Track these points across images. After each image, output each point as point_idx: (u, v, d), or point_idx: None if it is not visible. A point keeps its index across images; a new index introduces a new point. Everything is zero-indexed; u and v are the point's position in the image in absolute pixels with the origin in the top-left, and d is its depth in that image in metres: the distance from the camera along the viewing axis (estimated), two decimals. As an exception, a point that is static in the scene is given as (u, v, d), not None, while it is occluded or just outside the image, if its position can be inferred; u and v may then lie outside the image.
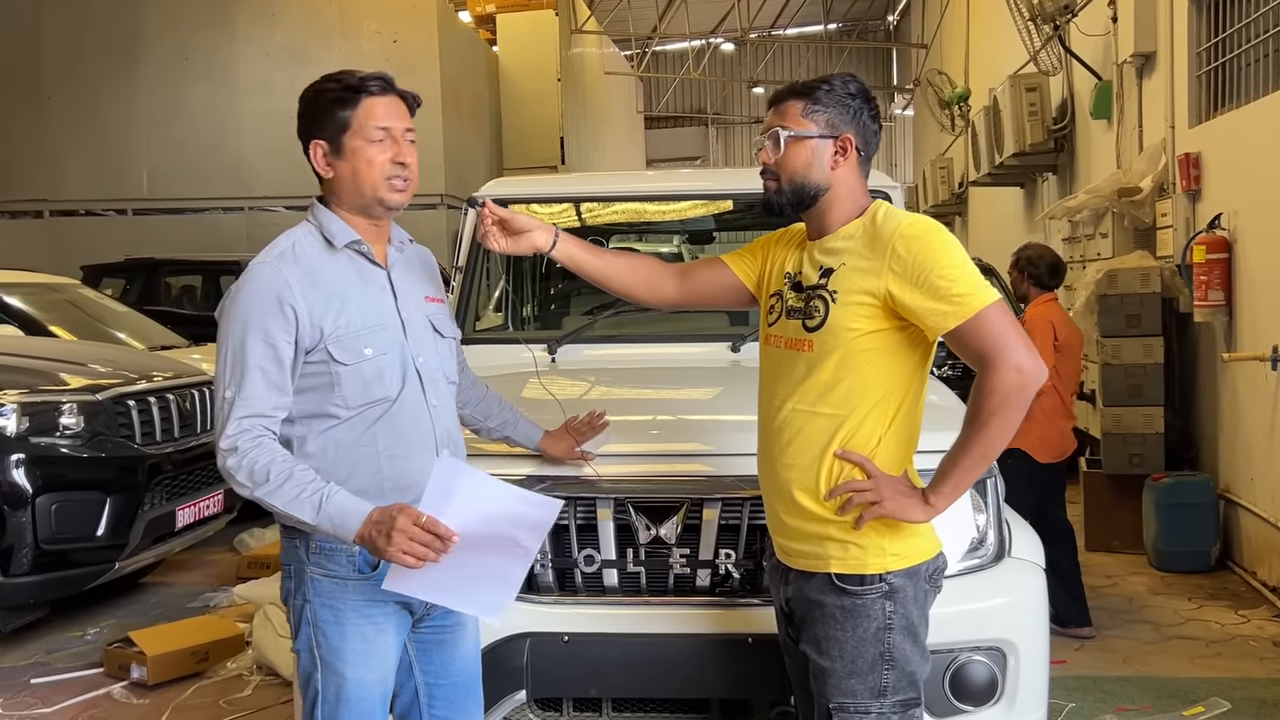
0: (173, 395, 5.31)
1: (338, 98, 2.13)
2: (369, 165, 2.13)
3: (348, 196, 2.17)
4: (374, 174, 2.13)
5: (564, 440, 2.64)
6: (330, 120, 2.13)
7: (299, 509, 1.99)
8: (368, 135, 2.12)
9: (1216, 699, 4.03)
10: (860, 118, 2.17)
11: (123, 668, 4.48)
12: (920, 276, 2.02)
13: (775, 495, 2.20)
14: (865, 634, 2.08)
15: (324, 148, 2.15)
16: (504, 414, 2.60)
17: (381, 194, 2.15)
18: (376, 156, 2.13)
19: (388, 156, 2.13)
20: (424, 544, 1.93)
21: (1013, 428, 2.01)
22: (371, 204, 2.16)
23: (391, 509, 1.96)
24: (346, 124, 2.13)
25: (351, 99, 2.13)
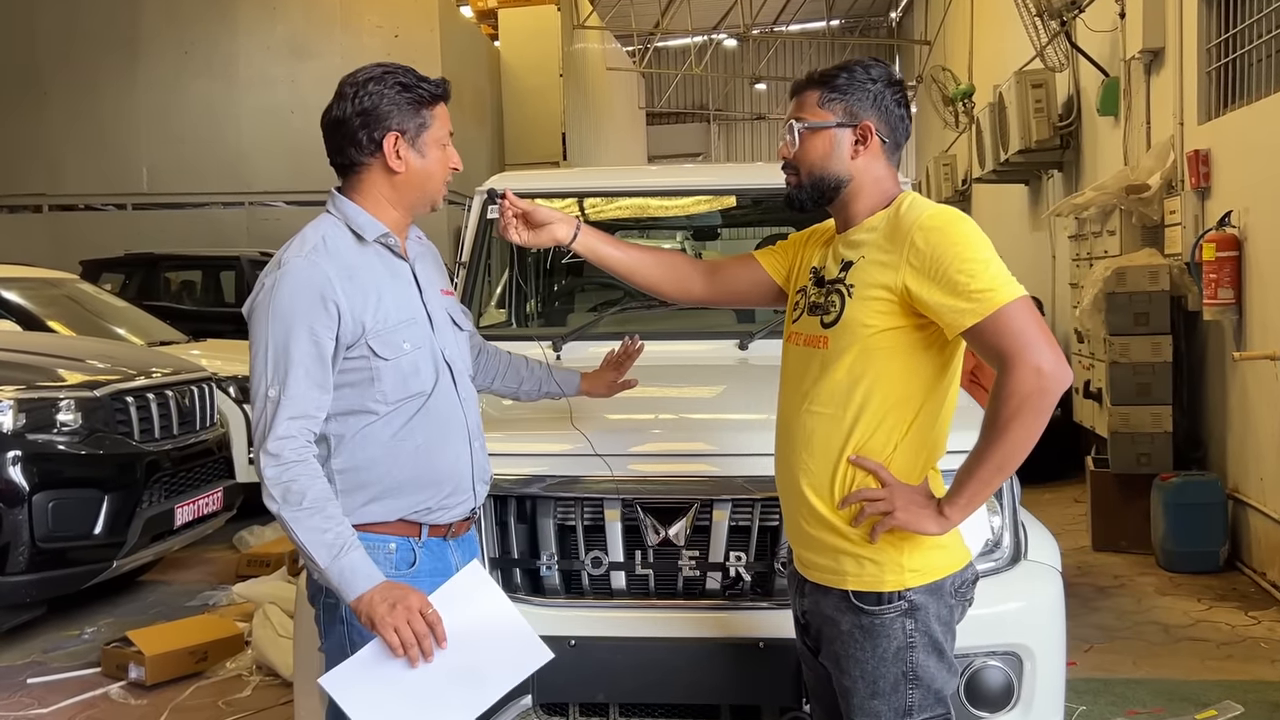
0: (172, 392, 5.26)
1: (421, 98, 2.14)
2: (441, 168, 2.18)
3: (408, 192, 2.18)
4: (441, 175, 2.19)
5: (604, 375, 2.68)
6: (413, 117, 2.14)
7: (317, 548, 1.96)
8: (441, 140, 2.17)
9: (1229, 702, 3.97)
10: (882, 102, 2.06)
11: (120, 667, 4.43)
12: (938, 271, 1.91)
13: (791, 500, 2.12)
14: (885, 654, 1.99)
15: (403, 142, 2.13)
16: (535, 373, 2.62)
17: (438, 196, 2.21)
18: (445, 160, 2.19)
19: (450, 162, 2.20)
20: (418, 633, 1.93)
21: (1034, 434, 1.88)
22: (426, 204, 2.21)
23: (404, 586, 1.98)
24: (426, 124, 2.15)
25: (432, 101, 2.16)
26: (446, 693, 1.98)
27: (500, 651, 2.04)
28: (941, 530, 1.98)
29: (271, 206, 15.22)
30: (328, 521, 1.97)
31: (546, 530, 2.61)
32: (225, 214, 15.17)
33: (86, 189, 15.03)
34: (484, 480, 2.27)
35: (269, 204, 15.22)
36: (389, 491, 2.12)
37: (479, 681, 2.01)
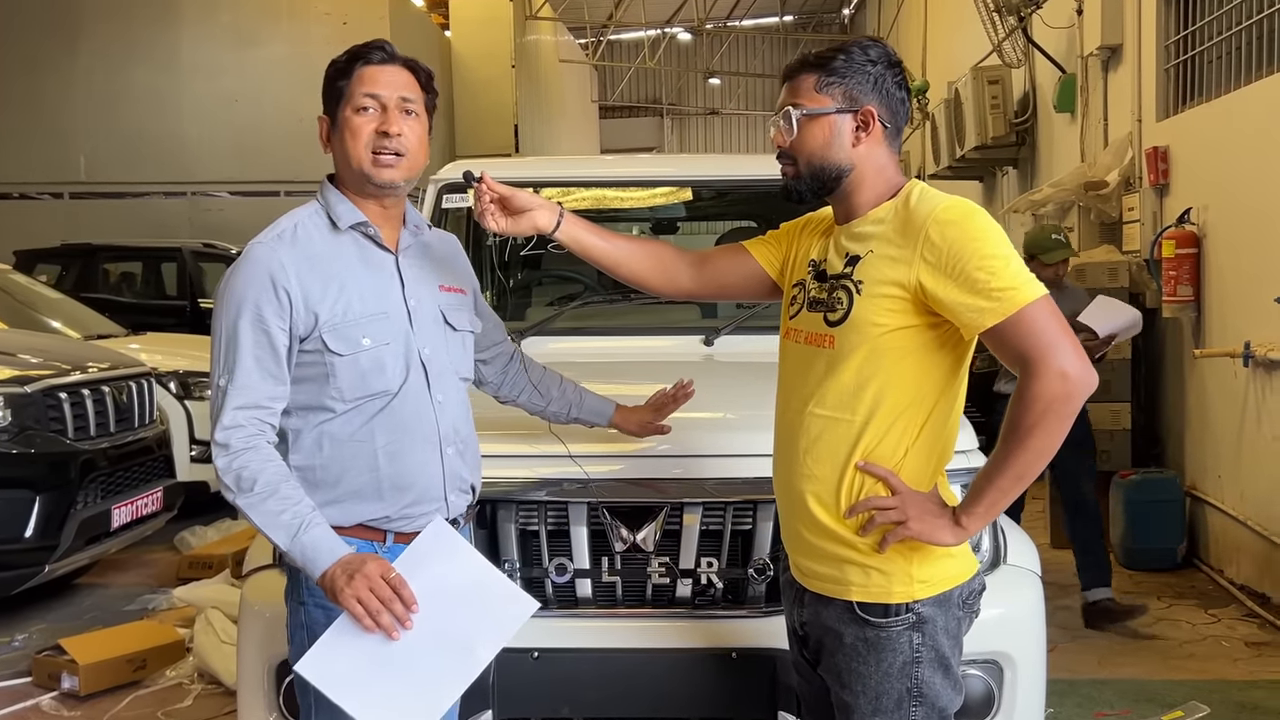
0: (109, 388, 5.04)
1: (338, 69, 2.01)
2: (354, 136, 2.00)
3: (343, 173, 2.05)
4: (358, 145, 1.99)
5: (641, 413, 2.49)
6: (330, 92, 2.01)
7: (274, 530, 1.87)
8: (356, 104, 1.99)
9: (1195, 703, 3.94)
10: (883, 86, 1.92)
11: (53, 677, 4.22)
12: (956, 267, 1.78)
13: (791, 507, 1.98)
14: (890, 669, 1.87)
15: (326, 122, 2.04)
16: (566, 395, 2.44)
17: (366, 168, 2.00)
18: (362, 127, 1.99)
19: (372, 127, 1.99)
20: (382, 599, 1.81)
21: (1056, 442, 1.77)
22: (360, 180, 2.02)
23: (365, 555, 1.87)
24: (341, 94, 2.00)
25: (348, 69, 2.00)
26: (433, 661, 1.86)
27: (482, 610, 1.91)
28: (957, 541, 1.87)
29: (215, 197, 14.90)
30: (283, 503, 1.88)
31: (507, 535, 2.47)
32: (167, 204, 14.82)
33: (21, 176, 14.61)
34: (460, 489, 2.12)
35: (212, 194, 14.89)
36: (347, 495, 2.00)
37: (466, 645, 1.89)
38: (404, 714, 1.84)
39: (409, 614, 1.83)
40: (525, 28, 19.05)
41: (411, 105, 2.02)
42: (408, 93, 2.02)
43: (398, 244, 2.10)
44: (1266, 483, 5.00)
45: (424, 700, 1.85)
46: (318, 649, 1.85)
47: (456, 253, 2.29)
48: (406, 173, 2.04)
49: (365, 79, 1.99)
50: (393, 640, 1.83)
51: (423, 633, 1.85)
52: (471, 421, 2.19)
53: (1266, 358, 4.94)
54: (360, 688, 1.83)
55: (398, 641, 1.83)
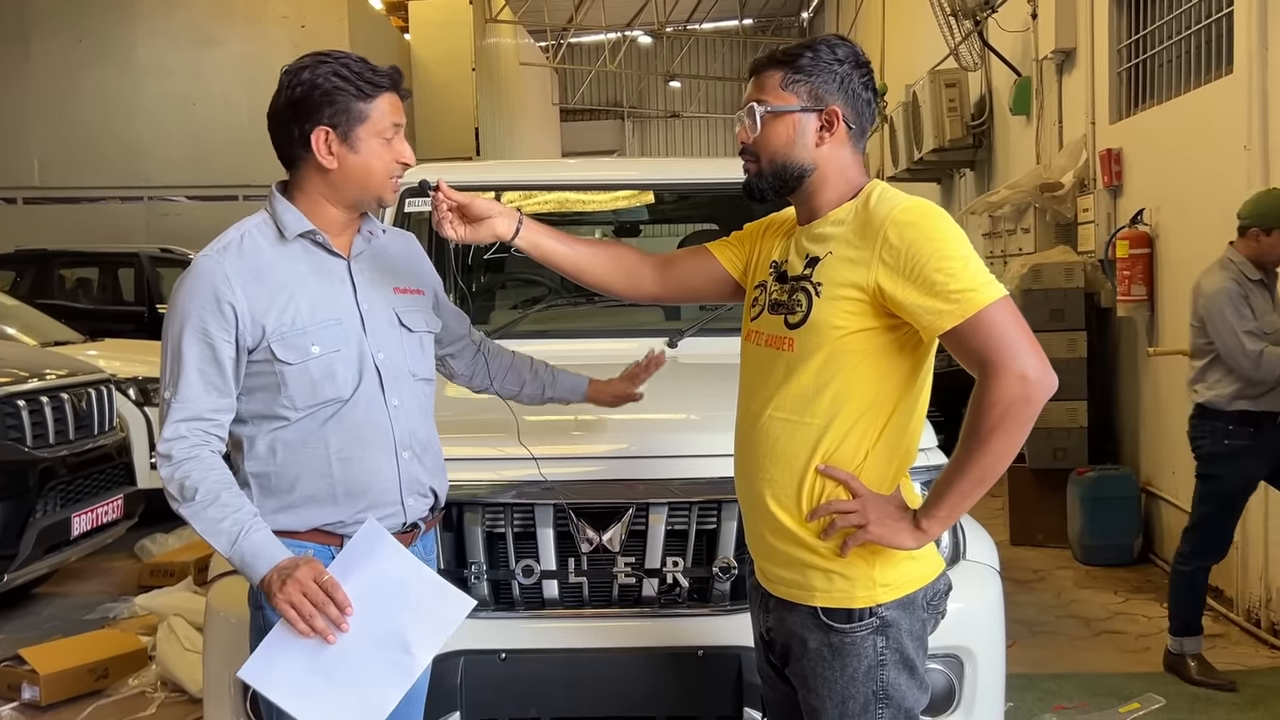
0: (68, 394, 4.99)
1: (358, 89, 1.99)
2: (381, 163, 2.02)
3: (347, 189, 2.04)
4: (382, 171, 2.03)
5: (613, 386, 2.49)
6: (344, 109, 1.99)
7: (215, 537, 1.90)
8: (382, 133, 2.01)
9: (1151, 695, 4.02)
10: (850, 85, 1.91)
11: (12, 688, 4.18)
12: (915, 269, 1.77)
13: (753, 511, 1.98)
14: (856, 673, 1.87)
15: (333, 137, 2.00)
16: (539, 377, 2.44)
17: (383, 193, 2.05)
18: (387, 155, 2.02)
19: (393, 156, 2.03)
20: (315, 603, 1.84)
21: (1016, 446, 1.76)
22: (370, 200, 2.06)
23: (299, 559, 1.88)
24: (363, 117, 2.00)
25: (372, 92, 2.00)
26: (372, 664, 1.88)
27: (418, 611, 1.92)
28: (918, 544, 1.87)
29: (172, 201, 14.73)
30: (223, 510, 1.91)
31: (474, 538, 2.49)
32: (123, 209, 14.64)
33: (-27, 182, 14.39)
34: (418, 493, 2.12)
35: (169, 198, 14.73)
36: (302, 500, 2.01)
37: (404, 647, 1.90)
38: (346, 717, 1.85)
39: (344, 617, 1.85)
40: (485, 30, 19.03)
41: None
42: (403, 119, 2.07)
43: (350, 249, 2.10)
44: (1218, 478, 5.09)
45: (366, 703, 1.87)
46: (258, 654, 1.86)
47: (413, 252, 2.28)
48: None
49: (391, 108, 2.02)
50: (329, 644, 1.84)
51: (360, 635, 1.86)
52: (432, 424, 2.18)
53: (1217, 355, 5.03)
54: (302, 691, 1.84)
55: (335, 645, 1.85)
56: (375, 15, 17.02)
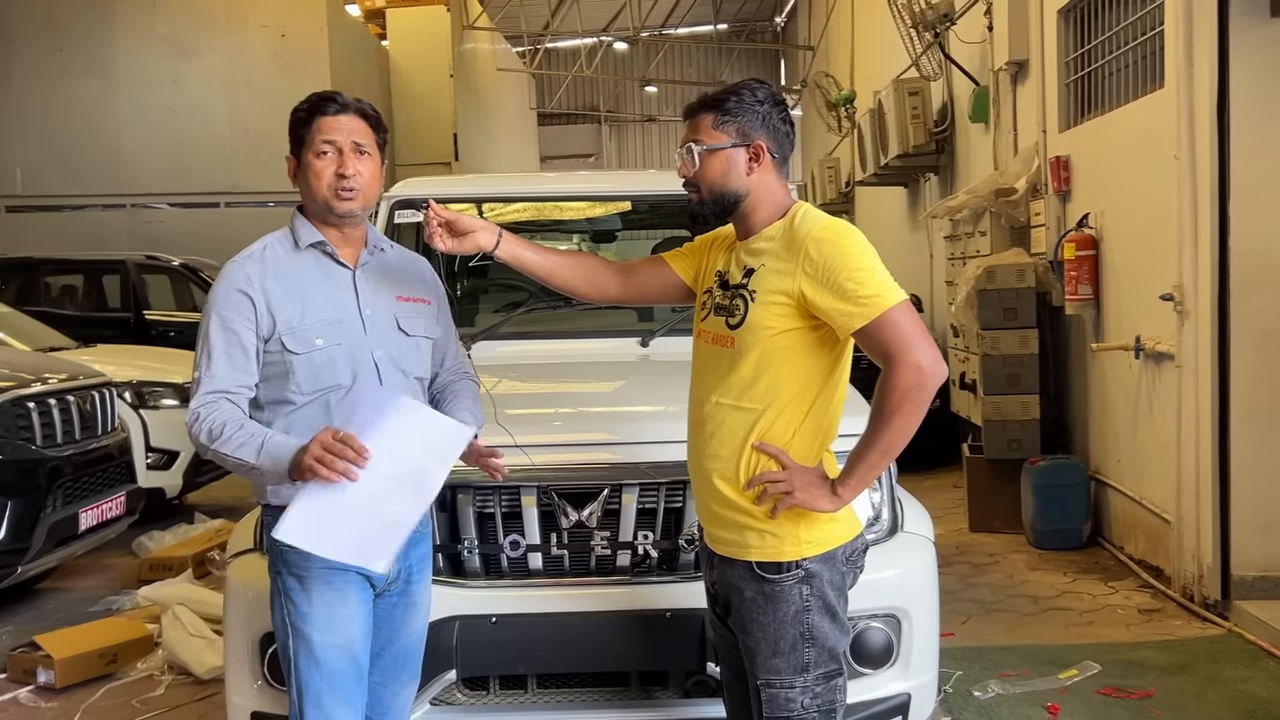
0: (73, 397, 5.25)
1: (300, 118, 2.35)
2: (316, 177, 2.35)
3: (308, 204, 2.40)
4: (320, 185, 2.34)
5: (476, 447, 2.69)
6: (294, 138, 2.36)
7: (244, 453, 2.17)
8: (316, 150, 2.33)
9: (1088, 662, 4.35)
10: (770, 122, 2.28)
11: (28, 672, 4.43)
12: (830, 278, 2.12)
13: (701, 484, 2.32)
14: (785, 617, 2.21)
15: (292, 162, 2.38)
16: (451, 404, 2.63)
17: (330, 202, 2.35)
18: (323, 169, 2.33)
19: (332, 169, 2.33)
20: (338, 455, 2.09)
21: (915, 422, 2.11)
22: (324, 211, 2.37)
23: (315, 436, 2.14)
24: (303, 140, 2.35)
25: (308, 118, 2.34)
26: (392, 500, 2.17)
27: (426, 446, 2.19)
28: (835, 508, 2.21)
29: (154, 208, 14.93)
30: (241, 432, 2.20)
31: (466, 517, 2.79)
32: (105, 216, 14.83)
33: (-44, 190, 14.53)
34: None
35: (151, 205, 14.92)
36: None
37: (417, 480, 2.19)
38: (369, 548, 2.16)
39: (362, 457, 2.09)
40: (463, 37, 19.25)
41: (364, 147, 2.37)
42: (359, 137, 2.36)
43: (356, 261, 2.43)
44: (1157, 465, 5.45)
45: (387, 532, 2.16)
46: (291, 514, 2.12)
47: (420, 269, 2.59)
48: (363, 203, 2.39)
49: (323, 127, 2.34)
50: (351, 485, 2.10)
51: (379, 478, 2.13)
52: None
53: (1155, 350, 5.40)
54: (330, 536, 2.13)
55: (357, 488, 2.10)
56: (354, 23, 17.25)
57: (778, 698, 2.23)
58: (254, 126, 14.38)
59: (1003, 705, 4.01)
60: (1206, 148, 4.83)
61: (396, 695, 2.49)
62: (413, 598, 2.46)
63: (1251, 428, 4.78)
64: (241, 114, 14.56)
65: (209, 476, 7.51)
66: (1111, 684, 4.16)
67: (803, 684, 2.22)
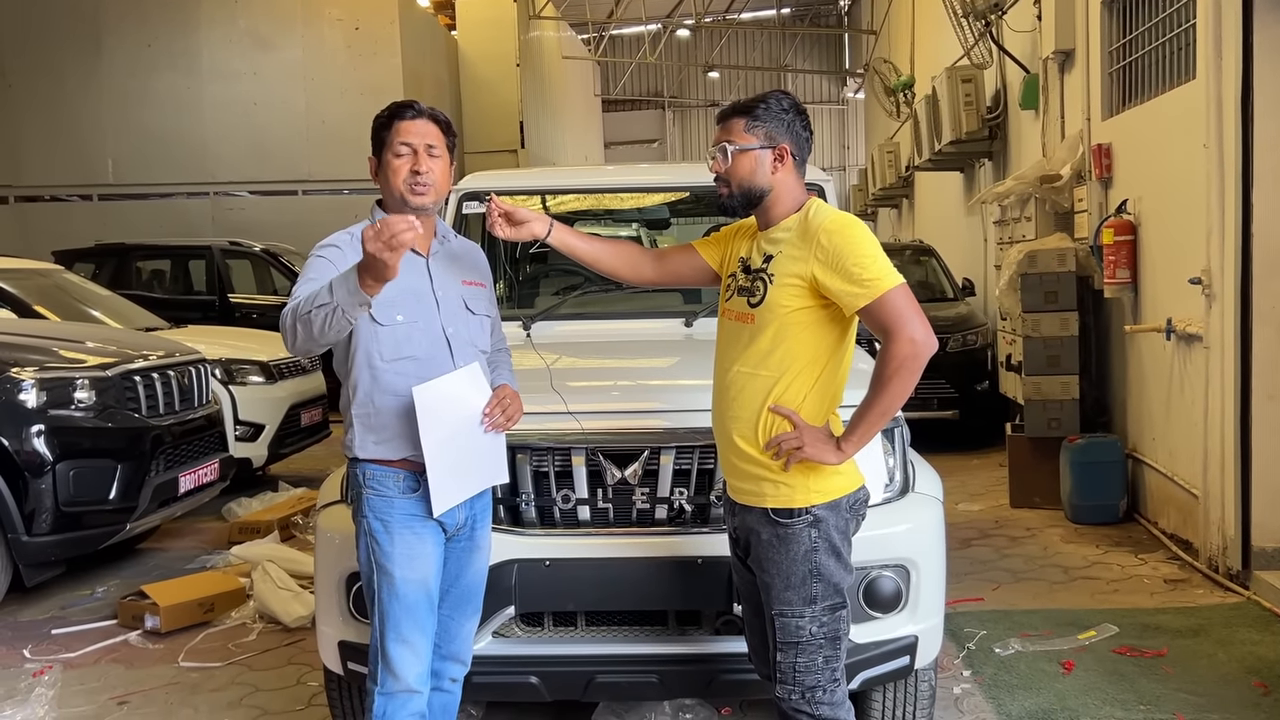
0: (174, 372, 5.76)
1: (381, 123, 2.73)
2: (394, 174, 2.71)
3: (387, 199, 2.77)
4: (397, 180, 2.71)
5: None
6: (376, 140, 2.74)
7: (320, 298, 2.39)
8: (395, 150, 2.71)
9: (1107, 625, 4.62)
10: (793, 128, 2.63)
11: (136, 618, 4.94)
12: (838, 263, 2.47)
13: (724, 442, 2.69)
14: (796, 555, 2.56)
15: (373, 162, 2.75)
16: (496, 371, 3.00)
17: (406, 196, 2.71)
18: (400, 167, 2.70)
19: (408, 166, 2.70)
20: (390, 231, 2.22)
21: (908, 389, 2.46)
22: (400, 204, 2.73)
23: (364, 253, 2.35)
24: (383, 142, 2.73)
25: (389, 123, 2.72)
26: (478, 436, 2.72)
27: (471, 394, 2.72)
28: (839, 461, 2.56)
29: (236, 196, 15.56)
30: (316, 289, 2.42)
31: (524, 475, 3.16)
32: (190, 204, 15.51)
33: (52, 180, 15.29)
34: None
35: (233, 194, 15.56)
36: (393, 436, 2.69)
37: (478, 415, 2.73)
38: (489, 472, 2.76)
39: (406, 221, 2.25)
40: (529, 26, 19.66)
41: (435, 149, 2.73)
42: (432, 140, 2.73)
43: (429, 250, 2.81)
44: (1188, 443, 5.67)
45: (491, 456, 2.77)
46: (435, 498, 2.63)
47: (479, 257, 3.00)
48: (434, 198, 2.75)
49: (401, 130, 2.71)
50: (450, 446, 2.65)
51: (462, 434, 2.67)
52: None
53: (1185, 332, 5.61)
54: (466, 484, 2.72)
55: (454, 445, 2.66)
56: (424, 15, 17.72)
57: (789, 625, 2.59)
58: (329, 117, 14.95)
59: (1021, 661, 4.30)
60: (1232, 137, 5.03)
61: (461, 626, 2.88)
62: (477, 541, 2.85)
63: (1271, 406, 4.99)
64: (317, 105, 15.15)
65: (291, 449, 8.03)
66: (1127, 644, 4.44)
67: (811, 614, 2.58)
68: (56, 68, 15.03)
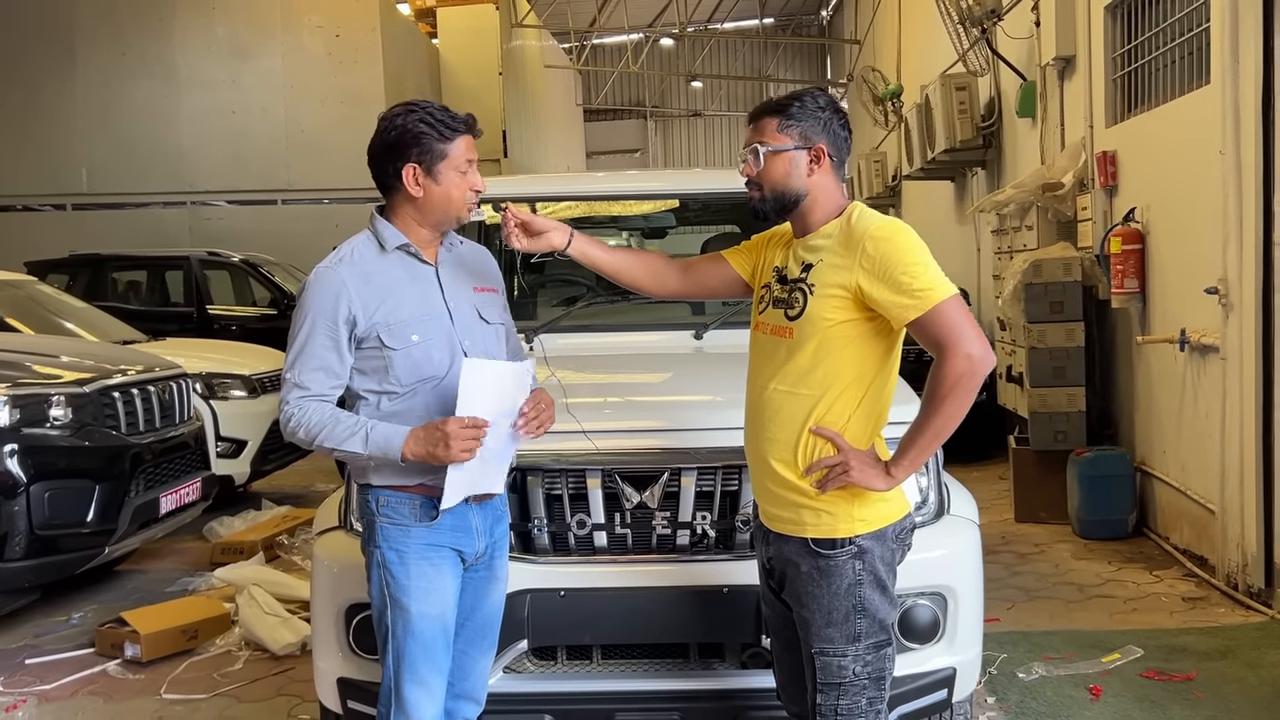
0: (154, 388, 5.53)
1: (440, 133, 2.49)
2: (459, 192, 2.53)
3: (431, 213, 2.55)
4: (460, 198, 2.53)
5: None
6: (428, 150, 2.49)
7: (351, 445, 2.40)
8: (459, 167, 2.52)
9: (1131, 647, 4.46)
10: (831, 127, 2.43)
11: (115, 646, 4.70)
12: (886, 273, 2.27)
13: (759, 465, 2.48)
14: (839, 590, 2.36)
15: (415, 171, 2.50)
16: None
17: (462, 214, 2.56)
18: (464, 185, 2.53)
19: (469, 185, 2.54)
20: (473, 438, 2.39)
21: (963, 409, 2.26)
22: (450, 221, 2.57)
23: (436, 424, 2.40)
24: (444, 155, 2.50)
25: (450, 135, 2.50)
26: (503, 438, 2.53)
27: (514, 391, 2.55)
28: (888, 487, 2.37)
29: (214, 206, 15.32)
30: (339, 426, 2.43)
31: (536, 498, 2.96)
32: (167, 213, 15.25)
33: (24, 189, 15.01)
34: None
35: (211, 203, 15.32)
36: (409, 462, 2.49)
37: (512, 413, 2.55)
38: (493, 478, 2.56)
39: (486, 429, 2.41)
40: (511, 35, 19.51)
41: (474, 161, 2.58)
42: (473, 154, 2.56)
43: (437, 258, 2.61)
44: (1202, 456, 5.53)
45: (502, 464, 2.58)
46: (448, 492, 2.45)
47: (488, 260, 2.81)
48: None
49: (467, 147, 2.53)
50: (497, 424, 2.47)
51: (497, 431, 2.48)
52: None
53: (1200, 343, 5.47)
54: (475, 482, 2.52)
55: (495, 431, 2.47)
56: (405, 23, 17.53)
57: (830, 665, 2.39)
58: (309, 125, 14.73)
59: (1046, 686, 4.13)
60: (1252, 143, 4.90)
61: (476, 662, 2.68)
62: (495, 571, 2.66)
63: (1295, 419, 4.85)
64: (297, 113, 14.93)
65: (274, 465, 7.79)
66: (1154, 667, 4.27)
67: (854, 652, 2.38)
68: (29, 76, 14.77)
